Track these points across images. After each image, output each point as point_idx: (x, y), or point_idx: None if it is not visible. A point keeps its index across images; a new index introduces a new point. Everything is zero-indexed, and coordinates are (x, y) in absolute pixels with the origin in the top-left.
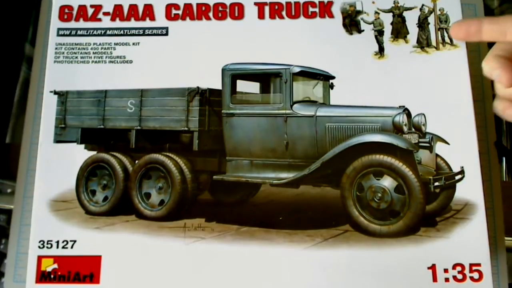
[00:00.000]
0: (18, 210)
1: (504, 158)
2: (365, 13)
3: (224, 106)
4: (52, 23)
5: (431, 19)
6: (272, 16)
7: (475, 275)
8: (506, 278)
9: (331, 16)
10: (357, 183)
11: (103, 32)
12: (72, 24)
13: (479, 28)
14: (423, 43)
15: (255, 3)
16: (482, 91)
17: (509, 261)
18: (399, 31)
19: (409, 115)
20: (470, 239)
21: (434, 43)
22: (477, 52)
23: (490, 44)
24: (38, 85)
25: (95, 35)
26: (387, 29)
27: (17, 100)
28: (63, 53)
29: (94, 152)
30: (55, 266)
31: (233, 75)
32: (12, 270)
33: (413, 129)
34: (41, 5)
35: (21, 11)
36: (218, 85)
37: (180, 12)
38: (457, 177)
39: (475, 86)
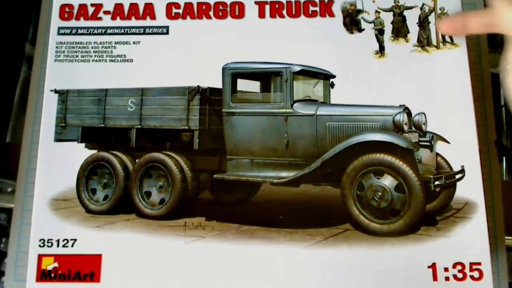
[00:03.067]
0: (19, 209)
1: (504, 158)
2: (365, 12)
3: (224, 105)
4: (52, 22)
5: (432, 18)
6: (272, 15)
7: (475, 274)
8: (506, 277)
9: (331, 15)
10: (357, 182)
11: (103, 31)
12: (73, 23)
13: (465, 23)
14: (424, 42)
15: (256, 2)
16: (482, 90)
17: (509, 260)
18: (400, 30)
19: (409, 114)
20: (470, 238)
21: (434, 42)
22: (477, 51)
23: (490, 44)
24: (38, 84)
25: (95, 34)
26: (388, 28)
27: (17, 100)
28: (63, 52)
29: (95, 151)
30: (56, 264)
31: (233, 74)
32: (13, 269)
33: (413, 128)
34: (41, 4)
35: (21, 11)
36: (218, 84)
37: (180, 11)
38: (457, 176)
39: (476, 85)
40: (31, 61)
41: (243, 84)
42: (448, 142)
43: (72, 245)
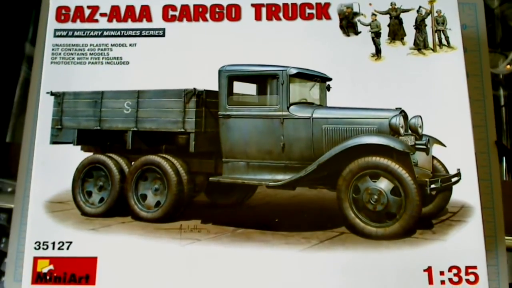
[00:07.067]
0: (18, 209)
1: (504, 158)
2: (362, 15)
3: (220, 107)
4: (49, 24)
5: (428, 21)
6: (269, 18)
7: (471, 278)
8: (506, 278)
9: (328, 17)
10: (353, 185)
11: (99, 33)
12: (69, 25)
13: None
14: (420, 45)
15: (252, 5)
16: (482, 90)
17: (509, 260)
18: (396, 33)
19: (405, 117)
20: (466, 242)
21: (431, 45)
22: (477, 51)
23: (490, 44)
24: (37, 85)
25: (92, 36)
26: (384, 31)
27: (17, 100)
28: (60, 54)
29: (90, 153)
30: (51, 267)
31: (230, 76)
32: (13, 269)
33: (409, 131)
34: (41, 6)
35: (21, 11)
36: (215, 87)
37: (177, 13)
38: (453, 179)
39: (475, 86)
40: (31, 61)
41: (239, 87)
42: (444, 145)
43: (68, 248)
